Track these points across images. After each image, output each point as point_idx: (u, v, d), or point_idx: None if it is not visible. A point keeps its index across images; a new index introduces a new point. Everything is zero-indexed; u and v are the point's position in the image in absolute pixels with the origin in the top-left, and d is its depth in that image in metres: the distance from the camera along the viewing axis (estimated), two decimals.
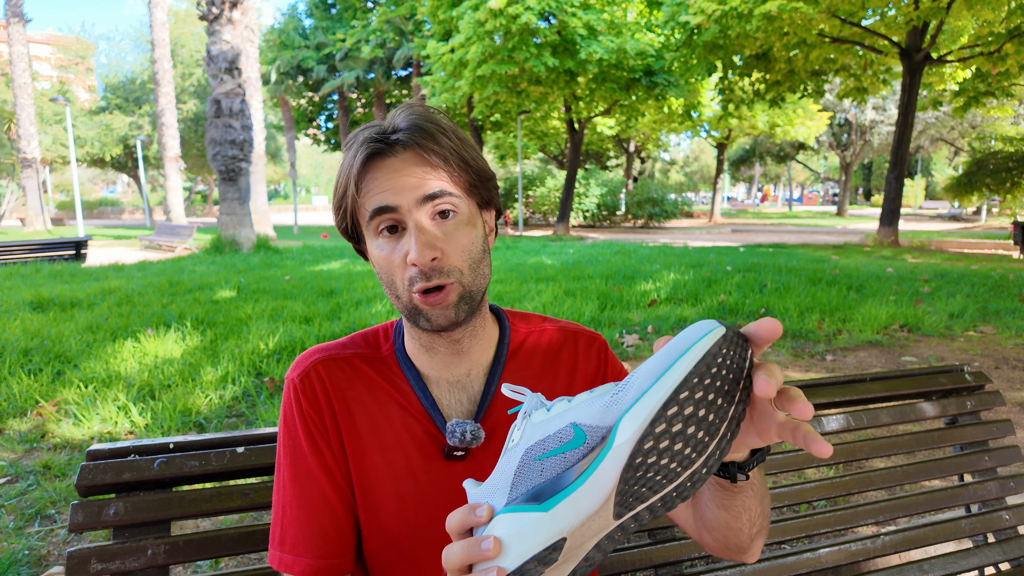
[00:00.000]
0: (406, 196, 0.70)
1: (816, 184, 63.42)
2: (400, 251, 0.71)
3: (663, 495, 0.48)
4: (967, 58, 13.20)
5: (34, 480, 2.60)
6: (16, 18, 20.68)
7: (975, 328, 5.42)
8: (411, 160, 0.71)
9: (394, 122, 0.74)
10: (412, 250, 0.69)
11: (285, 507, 0.76)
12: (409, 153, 0.72)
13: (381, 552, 0.78)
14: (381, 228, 0.72)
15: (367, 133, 0.73)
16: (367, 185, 0.72)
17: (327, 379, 0.79)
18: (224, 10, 12.26)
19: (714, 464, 0.49)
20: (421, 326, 0.74)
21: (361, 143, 0.72)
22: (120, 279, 8.05)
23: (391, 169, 0.71)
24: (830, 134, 36.19)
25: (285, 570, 0.74)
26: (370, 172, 0.72)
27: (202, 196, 46.81)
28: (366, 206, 0.72)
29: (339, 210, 0.76)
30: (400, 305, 0.74)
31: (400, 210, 0.70)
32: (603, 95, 17.64)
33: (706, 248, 13.09)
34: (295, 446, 0.77)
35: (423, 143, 0.71)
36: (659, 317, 5.67)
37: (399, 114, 0.74)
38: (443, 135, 0.73)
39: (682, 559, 1.15)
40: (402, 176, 0.71)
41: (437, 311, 0.72)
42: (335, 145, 30.08)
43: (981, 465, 1.41)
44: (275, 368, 4.01)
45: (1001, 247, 13.56)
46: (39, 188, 21.97)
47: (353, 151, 0.72)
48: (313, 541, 0.74)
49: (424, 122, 0.72)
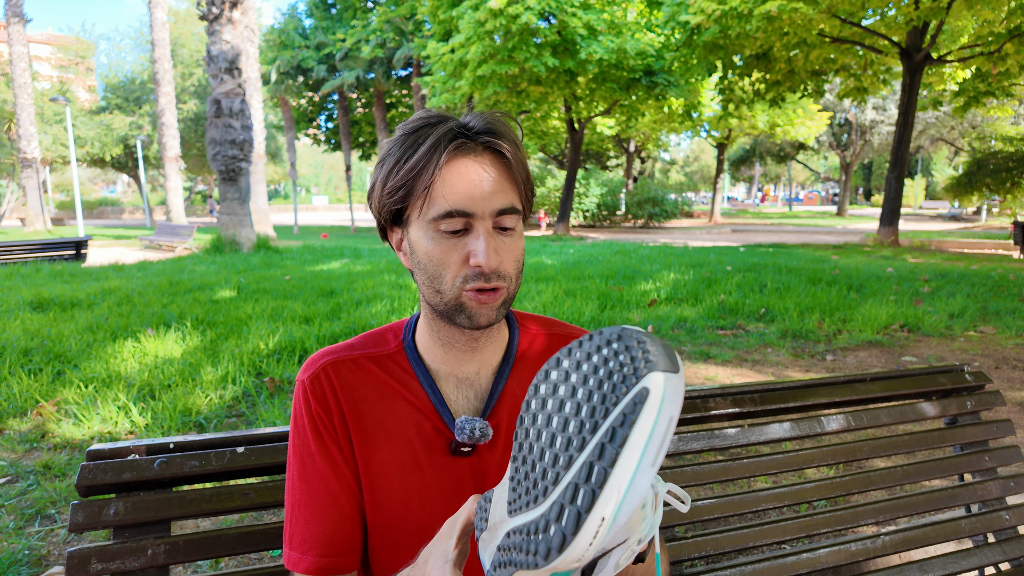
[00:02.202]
0: (483, 204, 0.71)
1: (816, 184, 63.41)
2: (461, 249, 0.72)
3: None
4: (967, 58, 13.20)
5: (34, 480, 2.60)
6: (16, 18, 20.67)
7: (975, 328, 5.42)
8: (490, 163, 0.72)
9: (475, 121, 0.73)
10: (481, 254, 0.70)
11: (295, 506, 0.78)
12: (489, 155, 0.73)
13: (386, 547, 0.80)
14: (445, 227, 0.72)
15: (450, 124, 0.72)
16: (448, 179, 0.71)
17: (336, 380, 0.80)
18: (224, 10, 12.25)
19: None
20: (458, 323, 0.75)
21: (445, 133, 0.71)
22: (120, 279, 8.04)
23: (470, 169, 0.71)
24: (830, 134, 36.19)
25: (293, 567, 0.76)
26: (453, 166, 0.71)
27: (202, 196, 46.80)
28: (442, 200, 0.71)
29: (398, 190, 0.73)
30: (439, 299, 0.75)
31: (474, 216, 0.71)
32: (603, 95, 17.64)
33: (706, 248, 13.09)
34: (304, 445, 0.78)
35: (509, 152, 0.73)
36: (659, 317, 5.67)
37: (477, 115, 0.74)
38: (519, 149, 0.74)
39: (682, 559, 1.15)
40: (482, 181, 0.71)
41: (484, 310, 0.74)
42: (335, 145, 30.06)
43: (981, 465, 1.41)
44: (275, 368, 4.01)
45: (1001, 247, 13.56)
46: (39, 188, 21.96)
47: (433, 141, 0.71)
48: (319, 539, 0.76)
49: (507, 130, 0.74)
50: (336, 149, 30.34)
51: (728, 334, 5.21)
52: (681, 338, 5.05)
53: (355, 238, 19.46)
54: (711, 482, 1.22)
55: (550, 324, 0.91)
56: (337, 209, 53.62)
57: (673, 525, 1.16)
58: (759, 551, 1.81)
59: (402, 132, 0.74)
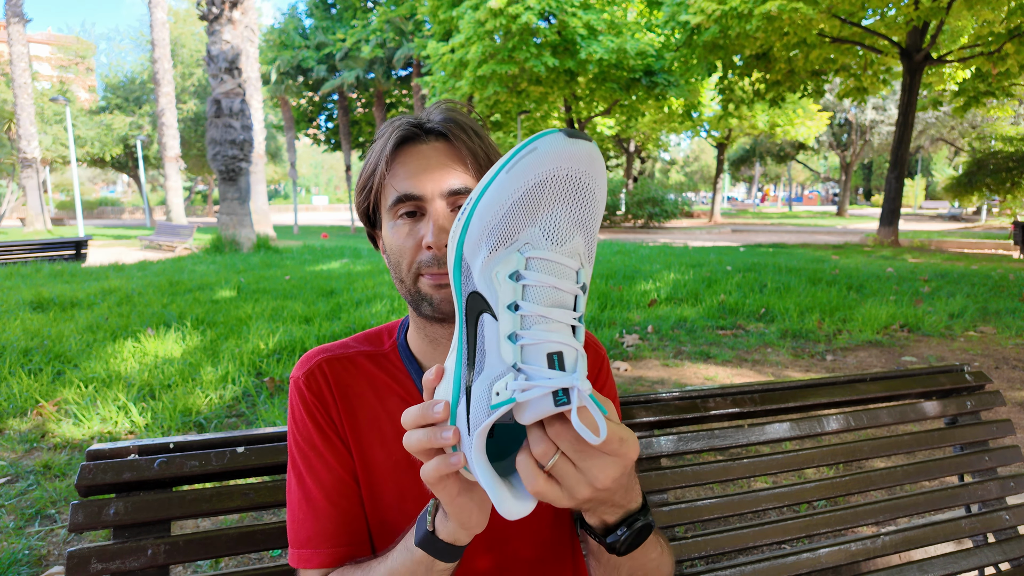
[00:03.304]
0: (431, 185, 0.73)
1: (816, 184, 63.42)
2: (415, 235, 0.74)
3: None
4: (967, 58, 13.20)
5: (34, 480, 2.60)
6: (16, 18, 20.67)
7: (975, 328, 5.42)
8: (441, 150, 0.75)
9: (429, 114, 0.77)
10: (429, 234, 0.71)
11: (301, 503, 0.77)
12: (440, 143, 0.75)
13: (382, 546, 0.79)
14: (401, 212, 0.74)
15: (401, 120, 0.76)
16: (395, 169, 0.74)
17: (331, 377, 0.80)
18: (224, 10, 12.25)
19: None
20: (423, 312, 0.76)
21: (395, 128, 0.75)
22: (120, 279, 8.04)
23: (421, 156, 0.74)
24: (830, 134, 36.20)
25: (304, 565, 0.75)
26: (400, 156, 0.75)
27: (202, 196, 46.81)
28: (392, 189, 0.74)
29: (363, 190, 0.78)
30: (404, 289, 0.76)
31: (424, 198, 0.73)
32: (603, 95, 17.65)
33: (706, 248, 13.09)
34: (307, 439, 0.78)
35: (455, 135, 0.74)
36: (659, 317, 5.67)
37: (434, 108, 0.77)
38: (475, 134, 0.76)
39: (682, 559, 1.15)
40: (430, 165, 0.73)
41: (443, 294, 0.73)
42: (335, 145, 30.07)
43: (981, 465, 1.41)
44: (275, 368, 4.01)
45: (1001, 247, 13.56)
46: (39, 188, 21.96)
47: (386, 135, 0.75)
48: (334, 529, 0.75)
49: (458, 117, 0.76)
50: (336, 149, 30.36)
51: (728, 334, 5.20)
52: (681, 338, 5.05)
53: (355, 238, 19.46)
54: (711, 482, 1.22)
55: None
56: (337, 209, 53.64)
57: (673, 525, 1.16)
58: (759, 551, 1.81)
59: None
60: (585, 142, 0.48)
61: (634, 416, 1.20)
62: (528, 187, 0.48)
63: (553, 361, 0.48)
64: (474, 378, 0.51)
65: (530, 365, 0.48)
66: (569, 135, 0.48)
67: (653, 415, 1.22)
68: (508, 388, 0.48)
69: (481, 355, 0.50)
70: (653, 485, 1.17)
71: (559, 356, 0.48)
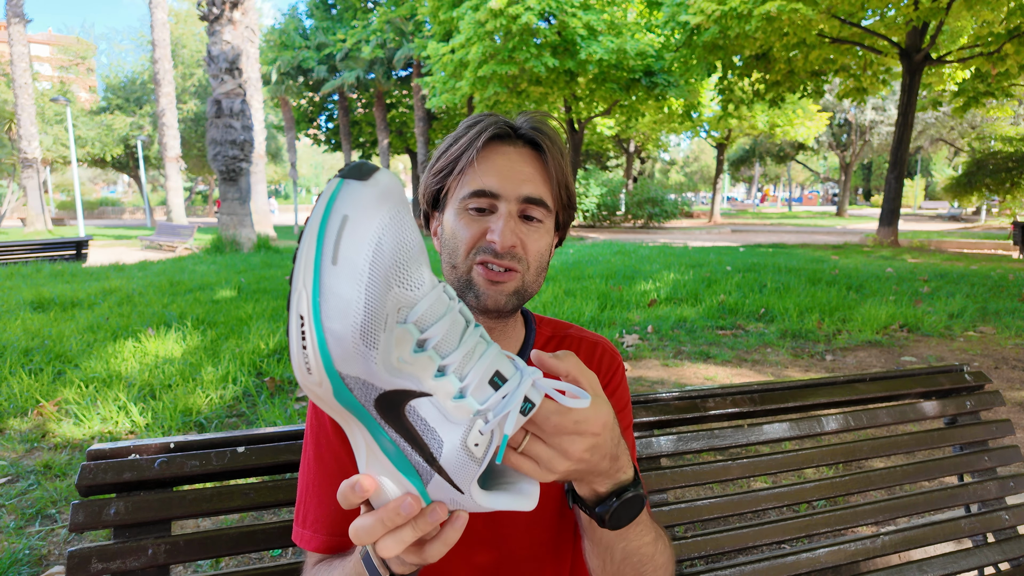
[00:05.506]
0: (511, 187, 0.75)
1: (816, 184, 63.40)
2: (480, 226, 0.76)
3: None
4: (967, 58, 13.20)
5: (35, 480, 2.60)
6: (16, 18, 20.67)
7: (975, 328, 5.42)
8: (528, 156, 0.77)
9: (520, 119, 0.79)
10: (497, 231, 0.74)
11: (308, 486, 0.78)
12: (528, 150, 0.77)
13: None
14: (472, 206, 0.76)
15: (495, 118, 0.78)
16: (481, 163, 0.76)
17: None
18: (224, 10, 12.25)
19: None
20: (467, 301, 0.77)
21: (488, 124, 0.77)
22: (121, 279, 8.04)
23: (507, 157, 0.76)
24: (830, 134, 36.19)
25: (304, 545, 0.77)
26: (487, 152, 0.76)
27: (203, 196, 46.80)
28: (473, 180, 0.76)
29: (440, 172, 0.79)
30: (454, 275, 0.78)
31: (501, 196, 0.75)
32: (603, 95, 17.65)
33: (706, 248, 13.09)
34: (320, 425, 0.79)
35: (546, 147, 0.77)
36: (659, 317, 5.67)
37: (526, 116, 0.80)
38: (560, 153, 0.79)
39: (682, 559, 1.15)
40: (515, 168, 0.76)
41: (492, 291, 0.76)
42: (335, 145, 30.07)
43: (981, 465, 1.41)
44: (276, 368, 4.01)
45: (1001, 247, 13.56)
46: (40, 188, 21.95)
47: (478, 127, 0.77)
48: (332, 517, 0.76)
49: (550, 131, 0.79)
50: (336, 149, 30.35)
51: (728, 334, 5.20)
52: (681, 338, 5.05)
53: None
54: (711, 482, 1.22)
55: (566, 327, 0.92)
56: None
57: (673, 525, 1.16)
58: (759, 551, 1.81)
59: (458, 128, 0.81)
60: (377, 173, 0.44)
61: (634, 416, 1.20)
62: (368, 262, 0.42)
63: (496, 383, 0.47)
64: (439, 454, 0.47)
65: (485, 403, 0.47)
66: (359, 176, 0.43)
67: (653, 415, 1.22)
68: (485, 433, 0.47)
69: (430, 435, 0.47)
70: (653, 485, 1.17)
71: (496, 373, 0.47)
